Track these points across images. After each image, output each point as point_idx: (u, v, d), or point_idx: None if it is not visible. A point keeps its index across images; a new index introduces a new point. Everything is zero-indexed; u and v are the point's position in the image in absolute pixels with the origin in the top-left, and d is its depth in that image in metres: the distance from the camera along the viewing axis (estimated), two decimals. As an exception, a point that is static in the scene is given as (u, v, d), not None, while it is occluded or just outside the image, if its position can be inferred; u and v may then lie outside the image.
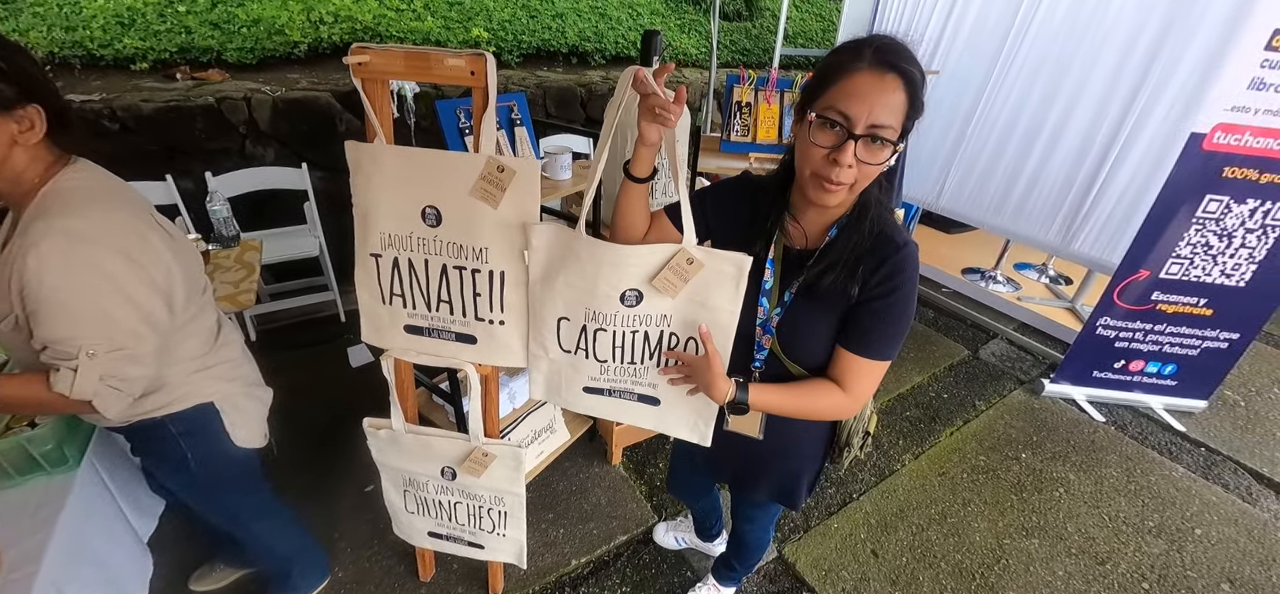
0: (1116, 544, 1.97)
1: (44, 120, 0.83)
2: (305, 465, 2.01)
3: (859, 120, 0.73)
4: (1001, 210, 3.01)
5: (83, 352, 0.84)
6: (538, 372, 1.08)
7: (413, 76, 0.90)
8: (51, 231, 0.80)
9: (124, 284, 0.87)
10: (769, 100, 2.24)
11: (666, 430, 1.08)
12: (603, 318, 0.93)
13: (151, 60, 2.80)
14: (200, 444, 1.11)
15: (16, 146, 0.81)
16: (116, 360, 0.88)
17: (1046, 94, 2.73)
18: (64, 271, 0.81)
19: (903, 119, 0.74)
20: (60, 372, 0.85)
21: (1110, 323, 2.48)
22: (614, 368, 1.00)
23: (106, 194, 0.90)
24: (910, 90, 0.73)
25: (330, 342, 2.71)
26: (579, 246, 0.90)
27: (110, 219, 0.86)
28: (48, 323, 0.83)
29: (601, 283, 0.90)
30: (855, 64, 0.74)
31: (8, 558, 0.96)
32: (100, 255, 0.84)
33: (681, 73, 4.08)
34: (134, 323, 0.89)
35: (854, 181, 0.77)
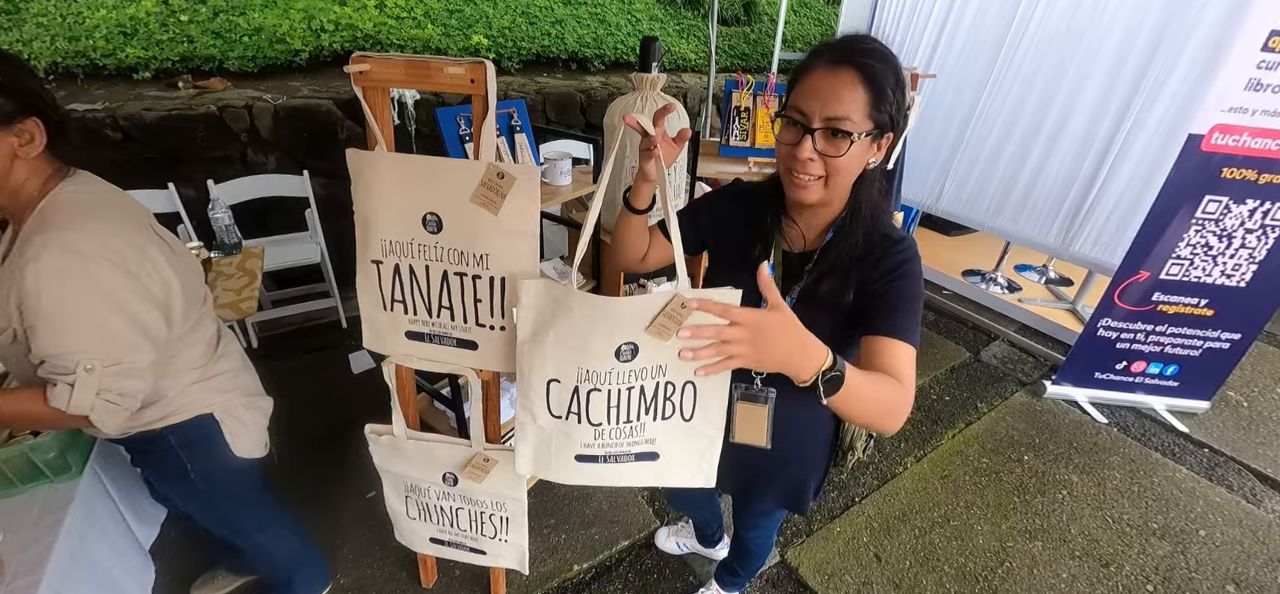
0: (1120, 546, 1.96)
1: (44, 133, 0.83)
2: (306, 472, 2.01)
3: (814, 115, 0.76)
4: (1001, 212, 3.02)
5: (80, 366, 0.84)
6: (525, 442, 1.02)
7: (413, 85, 0.91)
8: (50, 245, 0.80)
9: (121, 298, 0.87)
10: (768, 105, 2.25)
11: (668, 483, 1.02)
12: (596, 377, 0.87)
13: (154, 69, 2.82)
14: (200, 455, 1.11)
15: (17, 160, 0.81)
16: (113, 375, 0.87)
17: (1044, 95, 2.74)
18: (61, 286, 0.81)
19: (866, 111, 0.75)
20: (57, 387, 0.85)
21: (1111, 324, 2.48)
22: (609, 430, 0.94)
23: (105, 206, 0.90)
24: (871, 82, 0.74)
25: (331, 348, 2.72)
26: (571, 301, 0.85)
27: (108, 232, 0.86)
28: (45, 337, 0.83)
29: (595, 338, 0.85)
30: (814, 63, 0.78)
31: (10, 566, 0.97)
32: (97, 269, 0.84)
33: (680, 78, 4.10)
34: (131, 337, 0.89)
35: (822, 174, 0.79)
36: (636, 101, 1.45)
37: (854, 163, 0.79)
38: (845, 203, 0.87)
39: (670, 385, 0.91)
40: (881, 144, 0.80)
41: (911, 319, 0.84)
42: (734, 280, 0.91)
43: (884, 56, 0.76)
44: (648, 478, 1.00)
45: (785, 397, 0.97)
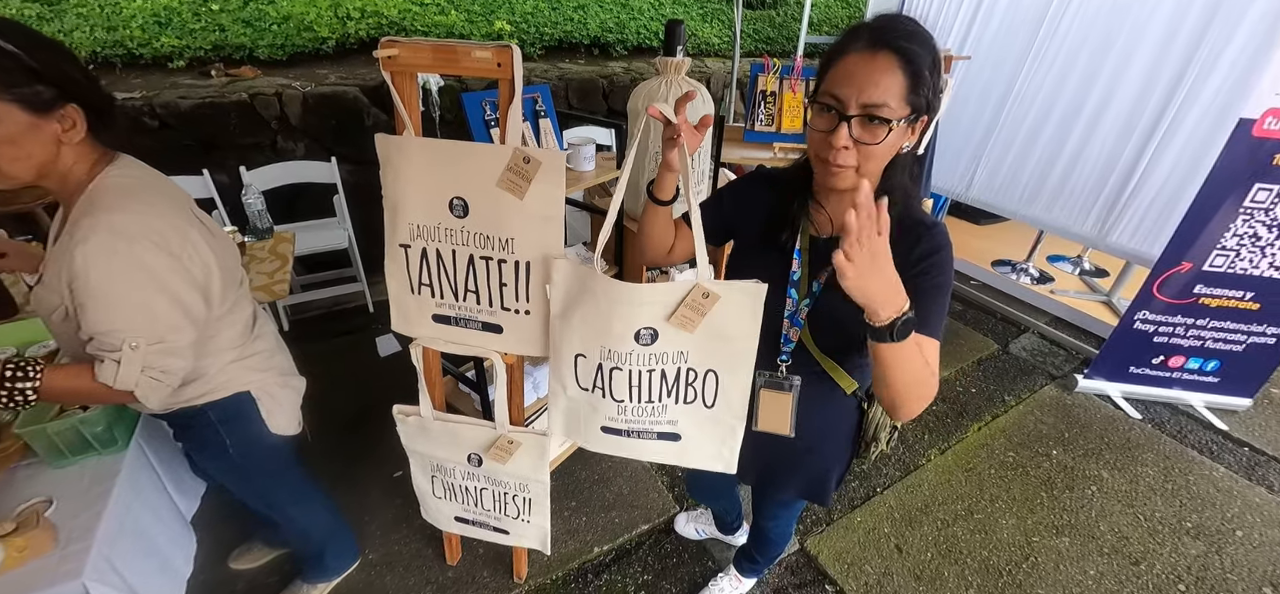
0: (1152, 545, 1.91)
1: (84, 119, 0.85)
2: (336, 451, 2.07)
3: (850, 101, 0.73)
4: (1035, 200, 2.93)
5: (125, 344, 0.87)
6: (557, 409, 1.08)
7: (441, 69, 0.92)
8: (97, 228, 0.83)
9: (164, 279, 0.90)
10: (794, 89, 2.20)
11: (689, 464, 1.05)
12: (618, 356, 0.91)
13: (188, 58, 2.89)
14: (238, 431, 1.15)
15: (61, 146, 0.84)
16: (156, 353, 0.91)
17: (1087, 73, 2.63)
18: (108, 267, 0.84)
19: (903, 96, 0.73)
20: (104, 363, 0.88)
21: (1149, 317, 2.40)
22: (631, 408, 0.98)
23: (149, 190, 0.93)
24: (909, 66, 0.72)
25: (359, 331, 2.78)
26: (594, 284, 0.89)
27: (151, 215, 0.89)
28: (93, 315, 0.86)
29: (615, 321, 0.89)
30: (850, 46, 0.75)
31: (63, 532, 1.02)
32: (142, 251, 0.87)
33: (703, 62, 4.05)
34: (173, 316, 0.92)
35: (857, 163, 0.77)
36: (661, 86, 1.44)
37: (889, 149, 0.77)
38: (875, 186, 0.84)
39: (692, 371, 0.93)
40: (916, 128, 0.78)
41: (938, 313, 0.83)
42: (759, 266, 0.92)
43: (923, 39, 0.73)
44: (670, 456, 1.04)
45: (809, 386, 0.96)
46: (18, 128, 0.78)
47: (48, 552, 0.98)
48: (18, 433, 1.07)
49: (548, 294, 0.97)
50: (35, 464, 1.13)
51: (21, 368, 0.87)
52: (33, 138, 0.80)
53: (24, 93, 0.77)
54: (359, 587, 1.66)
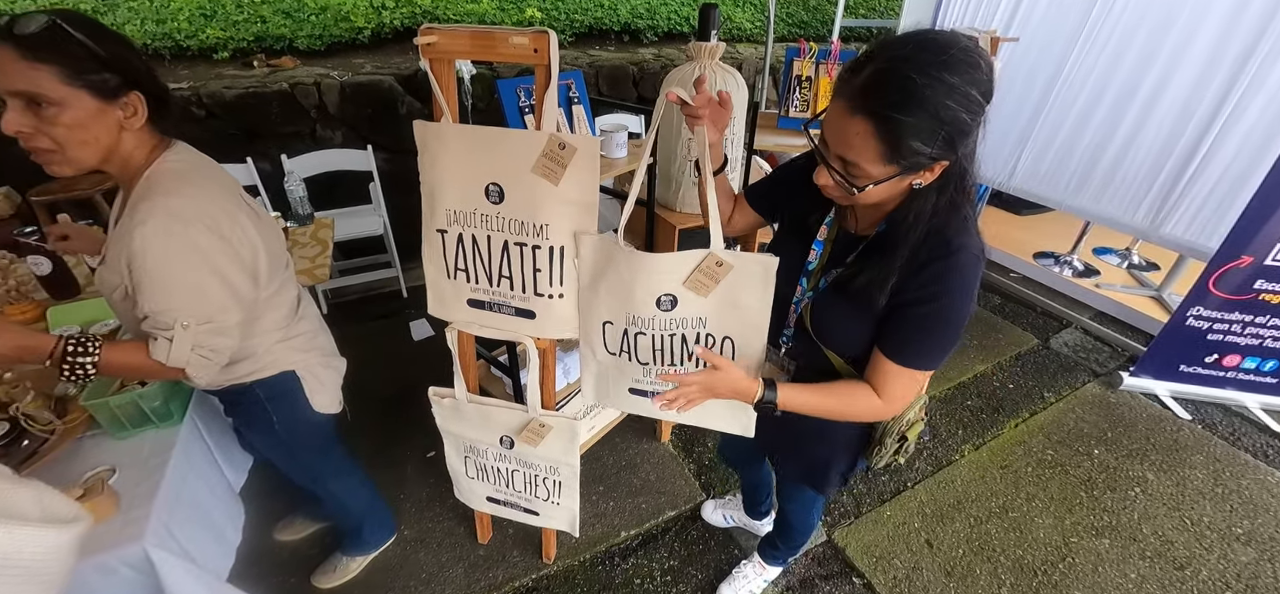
0: (1198, 550, 1.83)
1: (145, 106, 0.88)
2: (372, 431, 2.14)
3: (830, 147, 0.72)
4: (1082, 190, 2.80)
5: (177, 323, 0.91)
6: (588, 374, 1.14)
7: (478, 55, 0.93)
8: (154, 211, 0.87)
9: (215, 261, 0.93)
10: (830, 73, 2.14)
11: (710, 425, 1.11)
12: (641, 321, 0.98)
13: (231, 49, 3.00)
14: (283, 408, 1.19)
15: (123, 131, 0.88)
16: (206, 332, 0.94)
17: (1142, 57, 2.48)
18: (164, 248, 0.88)
19: (880, 159, 0.68)
20: (158, 341, 0.92)
21: (1203, 313, 2.28)
22: (656, 370, 1.04)
23: (201, 175, 0.96)
24: (887, 133, 0.66)
25: (394, 316, 2.86)
26: (618, 255, 0.95)
27: (204, 198, 0.92)
28: (148, 295, 0.89)
29: (638, 288, 0.94)
30: (839, 90, 0.70)
31: (125, 499, 1.08)
32: (195, 233, 0.90)
33: (735, 48, 3.99)
34: (222, 297, 0.95)
35: (838, 194, 0.77)
36: (694, 71, 1.42)
37: (878, 194, 0.74)
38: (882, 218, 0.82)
39: (711, 337, 0.99)
40: (931, 171, 0.72)
41: (926, 345, 0.81)
42: (786, 248, 0.95)
43: (920, 102, 0.63)
44: (691, 417, 1.10)
45: (813, 377, 0.96)
46: (86, 113, 0.82)
47: (111, 516, 1.04)
48: (83, 404, 1.14)
49: (576, 267, 1.03)
50: (99, 435, 1.19)
51: (82, 344, 0.91)
52: (99, 123, 0.84)
53: (93, 80, 0.81)
54: (394, 561, 1.72)
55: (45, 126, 0.80)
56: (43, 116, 0.79)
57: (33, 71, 0.77)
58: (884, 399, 0.85)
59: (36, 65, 0.77)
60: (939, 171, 0.73)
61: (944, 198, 0.76)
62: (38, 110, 0.79)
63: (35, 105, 0.78)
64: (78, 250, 1.22)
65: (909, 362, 0.82)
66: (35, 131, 0.80)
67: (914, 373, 0.83)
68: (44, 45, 0.77)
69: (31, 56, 0.76)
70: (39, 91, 0.77)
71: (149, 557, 1.01)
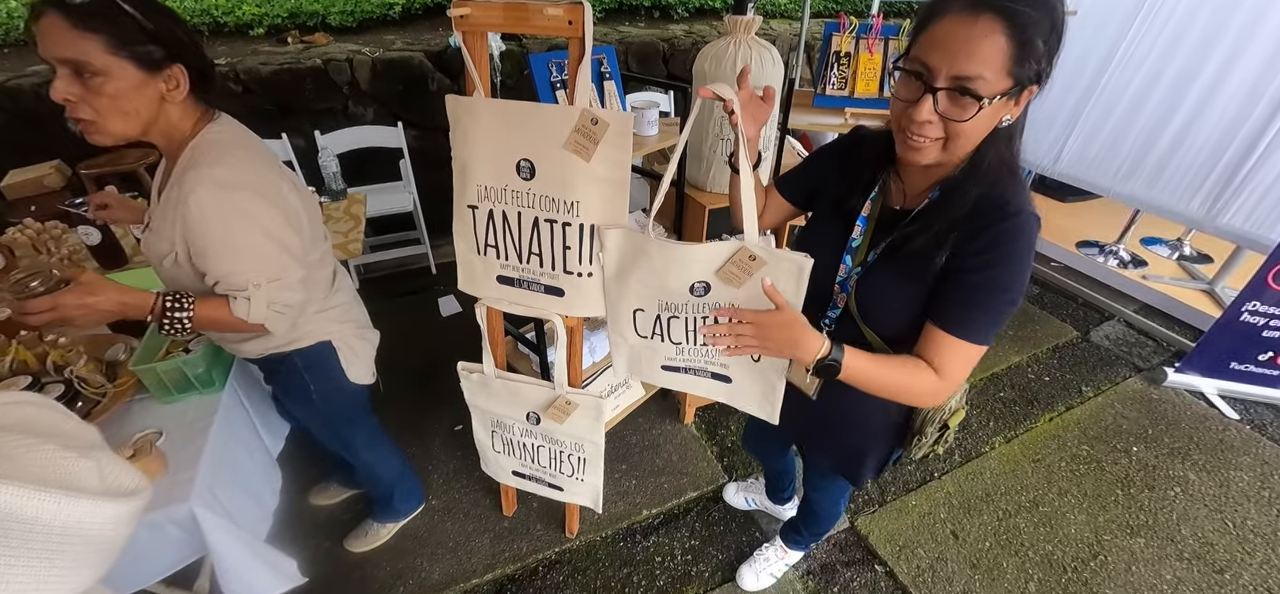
0: (1240, 554, 1.76)
1: (187, 79, 0.90)
2: (402, 404, 2.19)
3: (939, 72, 0.66)
4: (1134, 176, 2.66)
5: (249, 284, 0.96)
6: (619, 355, 1.15)
7: (512, 27, 0.92)
8: (201, 181, 0.89)
9: (265, 222, 0.96)
10: (872, 49, 2.05)
11: (737, 405, 1.11)
12: (675, 307, 0.99)
13: (266, 26, 3.03)
14: (320, 378, 1.23)
15: (165, 103, 0.90)
16: (276, 289, 1.00)
17: (1205, 37, 2.33)
18: (219, 216, 0.91)
19: (1005, 68, 0.63)
20: (237, 301, 0.97)
21: (1260, 308, 2.16)
22: (688, 349, 1.05)
23: (243, 146, 0.98)
24: (1016, 31, 0.62)
25: (423, 292, 2.91)
26: (650, 247, 0.95)
27: (245, 166, 0.95)
28: (216, 261, 0.94)
29: (671, 278, 0.94)
30: (946, 8, 0.66)
31: (172, 461, 1.13)
32: (242, 199, 0.93)
33: (768, 24, 3.88)
34: (281, 257, 0.99)
35: (941, 137, 0.70)
36: (729, 46, 1.38)
37: (981, 127, 0.69)
38: (961, 160, 0.77)
39: None
40: (1020, 100, 0.69)
41: (986, 316, 0.76)
42: (825, 228, 0.94)
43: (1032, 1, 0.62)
44: (720, 395, 1.10)
45: None
46: (128, 84, 0.83)
47: (160, 475, 1.09)
48: (132, 369, 1.19)
49: (601, 260, 1.03)
50: (146, 399, 1.25)
51: (177, 299, 0.95)
52: (139, 95, 0.86)
53: (138, 52, 0.83)
54: (422, 529, 1.77)
55: (91, 95, 0.81)
56: (89, 86, 0.81)
57: (81, 40, 0.78)
58: (941, 376, 0.79)
59: (85, 34, 0.78)
60: (1023, 104, 0.71)
61: (1009, 149, 0.74)
62: (84, 79, 0.80)
63: (81, 74, 0.80)
64: (119, 220, 1.27)
65: (968, 334, 0.77)
66: (81, 100, 0.82)
67: (971, 347, 0.77)
68: (93, 14, 0.79)
69: (80, 25, 0.78)
70: (85, 60, 0.79)
71: (195, 516, 1.05)
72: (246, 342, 1.13)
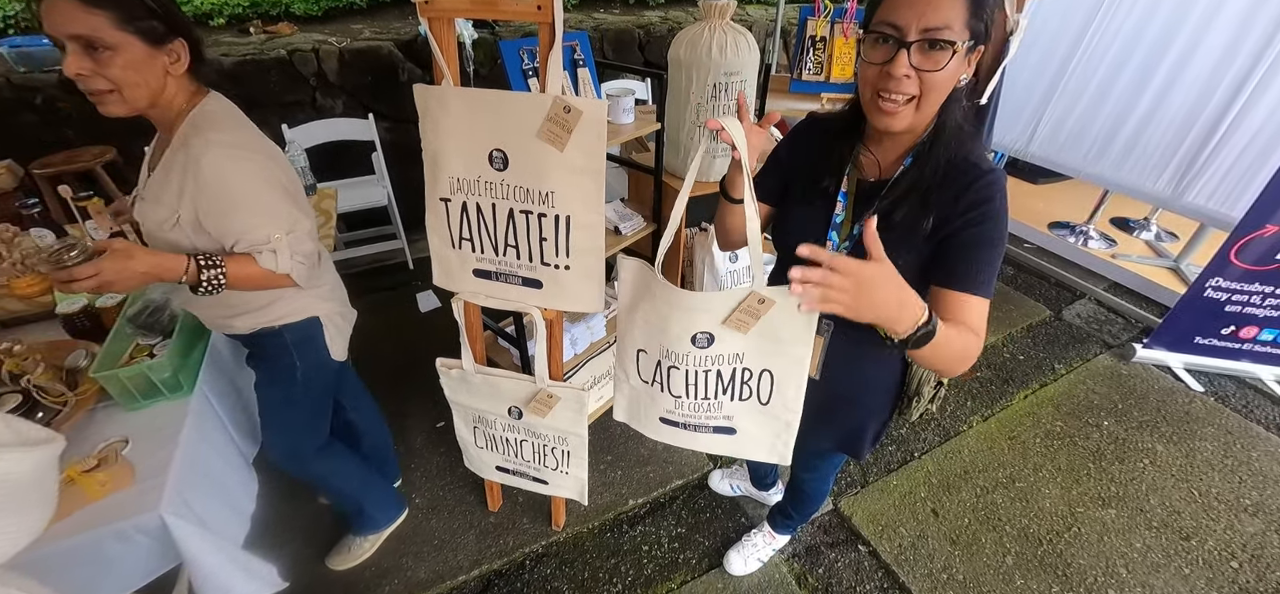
0: (1205, 520, 1.83)
1: (188, 52, 0.96)
2: (381, 402, 2.14)
3: (909, 27, 0.69)
4: (1103, 157, 2.72)
5: (272, 236, 1.01)
6: (621, 395, 1.12)
7: (479, 13, 0.89)
8: (212, 144, 0.94)
9: (275, 176, 1.02)
10: (846, 34, 2.05)
11: (744, 456, 1.08)
12: (675, 356, 0.94)
13: (227, 15, 2.92)
14: (307, 354, 1.25)
15: (169, 77, 0.95)
16: (296, 240, 1.05)
17: (1172, 20, 2.39)
18: (237, 173, 0.97)
19: (965, 19, 0.69)
20: (263, 255, 1.02)
21: (1222, 284, 2.23)
22: (688, 404, 1.01)
23: (239, 115, 1.06)
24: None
25: (400, 287, 2.85)
26: (655, 287, 0.91)
27: (250, 131, 1.03)
28: (235, 217, 0.99)
29: (673, 324, 0.91)
30: None
31: (139, 469, 1.09)
32: (256, 160, 1.00)
33: (745, 10, 3.86)
34: (293, 210, 1.05)
35: (915, 94, 0.73)
36: (705, 32, 1.37)
37: (949, 79, 0.73)
38: (927, 126, 0.80)
39: (748, 371, 0.94)
40: (972, 58, 0.74)
41: (989, 270, 0.78)
42: (804, 212, 0.92)
43: None
44: (725, 449, 1.05)
45: (851, 336, 0.94)
46: (139, 56, 0.89)
47: (128, 486, 1.06)
48: (94, 376, 1.14)
49: (617, 290, 1.00)
50: (111, 407, 1.20)
51: (210, 258, 0.98)
52: (149, 67, 0.91)
53: (143, 26, 0.88)
54: (407, 529, 1.75)
55: (102, 68, 0.87)
56: (99, 60, 0.86)
57: (90, 17, 0.84)
58: (978, 334, 0.78)
59: (93, 11, 0.84)
60: (975, 62, 0.75)
61: (962, 113, 0.79)
62: (94, 54, 0.86)
63: (92, 49, 0.86)
64: None
65: (981, 290, 0.78)
66: (93, 73, 0.87)
67: (985, 302, 0.79)
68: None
69: (89, 3, 0.83)
70: (95, 36, 0.84)
71: (165, 524, 1.02)
72: (238, 317, 1.16)
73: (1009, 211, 0.80)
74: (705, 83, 1.47)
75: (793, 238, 0.84)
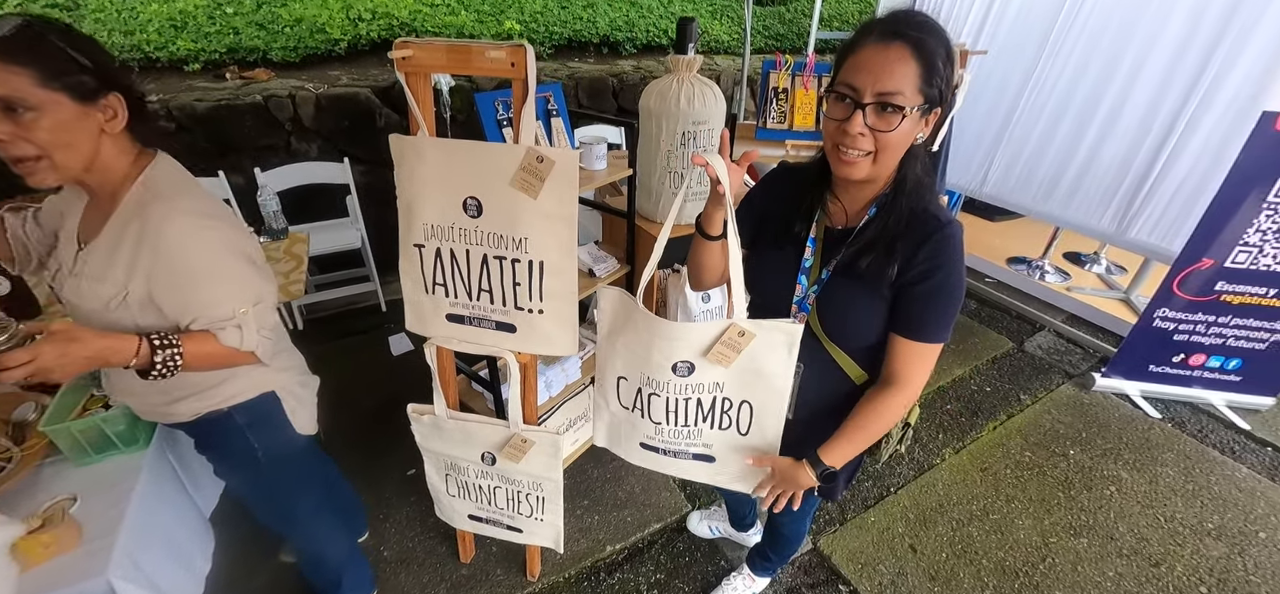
0: (1172, 546, 1.88)
1: (126, 109, 0.86)
2: (350, 449, 2.09)
3: (866, 89, 0.75)
4: (1051, 196, 2.89)
5: (237, 311, 0.93)
6: (601, 421, 1.12)
7: (455, 69, 0.92)
8: (175, 212, 0.87)
9: (240, 244, 0.95)
10: (806, 86, 2.19)
11: (721, 485, 1.10)
12: (656, 384, 0.95)
13: (203, 61, 2.93)
14: (266, 433, 1.13)
15: (104, 136, 0.85)
16: (261, 312, 0.97)
17: (1105, 69, 2.59)
18: (201, 245, 0.89)
19: (917, 85, 0.75)
20: (227, 331, 0.93)
21: (1168, 314, 2.35)
22: (668, 430, 1.02)
23: (193, 181, 0.97)
24: (921, 55, 0.74)
25: (372, 331, 2.80)
26: (636, 316, 0.93)
27: (208, 197, 0.95)
28: (198, 291, 0.90)
29: (654, 353, 0.92)
30: (864, 39, 0.77)
31: (88, 528, 1.04)
32: (219, 227, 0.92)
33: (713, 60, 4.03)
34: (257, 278, 0.98)
35: (872, 150, 0.79)
36: (673, 84, 1.44)
37: (903, 138, 0.78)
38: (890, 179, 0.86)
39: (727, 401, 0.96)
40: (929, 119, 0.80)
41: (942, 317, 0.85)
42: (775, 257, 0.96)
43: (935, 30, 0.76)
44: (704, 476, 1.07)
45: (820, 376, 0.97)
46: (68, 116, 0.79)
47: (73, 548, 1.00)
48: (43, 430, 1.09)
49: (596, 318, 1.01)
50: (60, 462, 1.15)
51: (165, 339, 0.88)
52: (80, 127, 0.81)
53: (70, 82, 0.79)
54: (374, 584, 1.67)
55: (25, 132, 0.77)
56: (20, 122, 0.76)
57: (9, 75, 0.74)
58: (905, 386, 0.89)
59: (12, 68, 0.74)
60: (932, 123, 0.81)
61: (923, 164, 0.85)
62: (15, 116, 0.76)
63: (12, 111, 0.76)
64: None
65: (926, 337, 0.86)
66: (14, 138, 0.77)
67: (932, 348, 0.87)
68: (18, 48, 0.75)
69: (6, 60, 0.74)
70: (16, 96, 0.75)
71: (113, 589, 0.97)
72: (179, 402, 1.04)
73: (965, 251, 0.86)
74: (675, 131, 1.53)
75: (764, 280, 0.88)
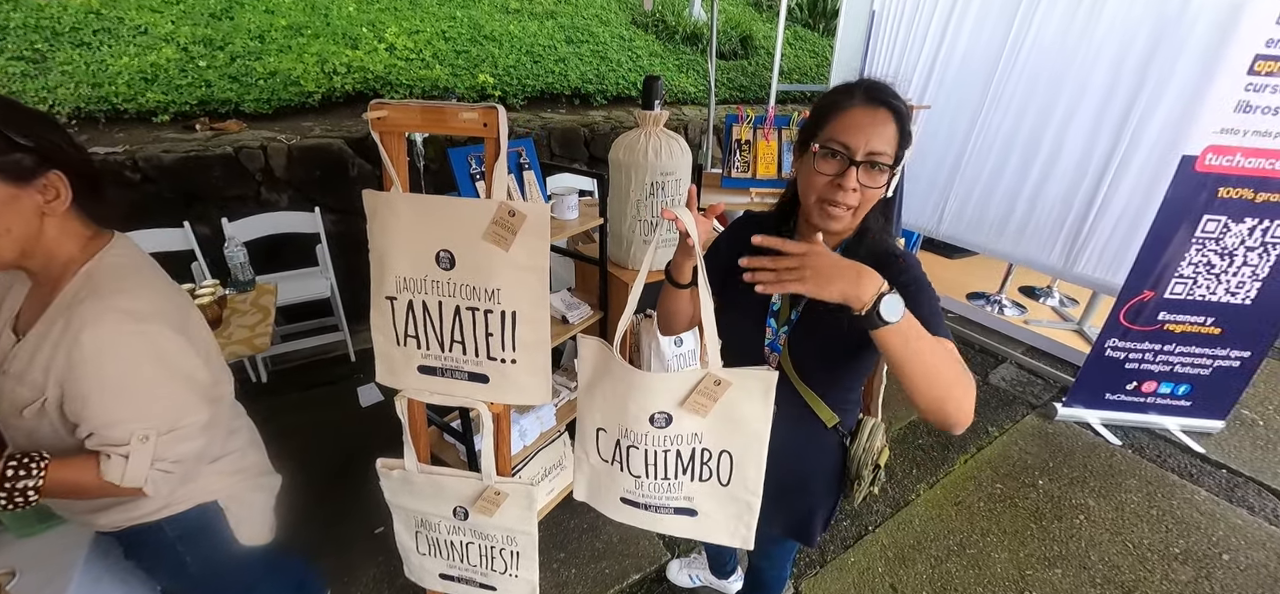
0: (1142, 572, 1.92)
1: (68, 187, 0.78)
2: (316, 506, 2.00)
3: (858, 149, 0.81)
4: (1002, 234, 3.04)
5: (135, 436, 0.81)
6: (581, 474, 1.10)
7: (429, 129, 0.95)
8: (107, 311, 0.78)
9: (178, 361, 0.86)
10: (768, 137, 2.30)
11: (706, 538, 1.07)
12: (634, 436, 0.94)
13: (173, 113, 2.91)
14: (200, 547, 1.03)
15: (45, 218, 0.77)
16: (169, 441, 0.85)
17: (1040, 118, 2.79)
18: (125, 353, 0.79)
19: (895, 148, 0.83)
20: (111, 459, 0.81)
21: (1119, 344, 2.47)
22: (648, 484, 1.00)
23: (149, 269, 0.89)
24: (899, 122, 0.83)
25: (341, 381, 2.73)
26: (613, 366, 0.93)
27: (158, 295, 0.85)
28: (100, 406, 0.79)
29: (631, 404, 0.92)
30: (849, 102, 0.84)
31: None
32: (157, 332, 0.82)
33: (681, 110, 4.19)
34: (189, 398, 0.88)
35: (857, 205, 0.85)
36: (640, 137, 1.50)
37: (879, 192, 0.85)
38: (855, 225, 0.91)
39: (707, 451, 0.95)
40: (895, 171, 0.87)
41: (932, 315, 0.84)
42: (742, 302, 0.98)
43: (902, 99, 0.85)
44: (686, 531, 1.04)
45: (792, 421, 0.98)
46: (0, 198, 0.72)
47: (8, 630, 0.93)
48: (-19, 503, 1.03)
49: (577, 368, 1.01)
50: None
51: (25, 464, 0.78)
52: (14, 210, 0.73)
53: (5, 161, 0.71)
54: (338, 653, 1.58)
55: None
56: None
57: None
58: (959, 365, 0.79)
59: None
60: (897, 179, 0.87)
61: (882, 209, 0.91)
62: None
63: None
64: None
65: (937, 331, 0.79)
66: None
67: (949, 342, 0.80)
68: None
69: None
70: None
71: (49, 676, 0.90)
72: (101, 512, 0.92)
73: None
74: (643, 181, 1.59)
75: (733, 325, 0.90)
